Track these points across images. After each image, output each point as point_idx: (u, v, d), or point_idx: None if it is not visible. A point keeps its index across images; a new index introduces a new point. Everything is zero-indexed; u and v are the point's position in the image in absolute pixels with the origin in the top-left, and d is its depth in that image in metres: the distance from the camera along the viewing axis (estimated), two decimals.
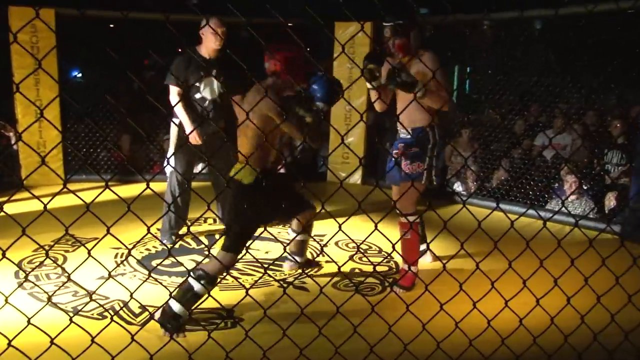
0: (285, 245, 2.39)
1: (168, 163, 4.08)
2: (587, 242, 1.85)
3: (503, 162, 5.92)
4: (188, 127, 4.13)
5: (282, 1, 9.16)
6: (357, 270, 3.92)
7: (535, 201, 5.53)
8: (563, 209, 4.88)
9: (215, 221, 4.88)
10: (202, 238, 4.49)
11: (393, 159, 3.70)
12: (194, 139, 4.14)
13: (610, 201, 5.04)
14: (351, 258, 4.04)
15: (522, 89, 5.81)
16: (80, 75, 7.62)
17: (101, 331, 1.75)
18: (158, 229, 4.34)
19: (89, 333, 1.67)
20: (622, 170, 5.31)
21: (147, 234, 1.48)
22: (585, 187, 5.36)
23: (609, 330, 2.04)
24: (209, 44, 4.15)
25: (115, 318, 2.96)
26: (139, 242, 4.18)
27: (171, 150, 4.32)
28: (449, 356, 1.98)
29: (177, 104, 4.09)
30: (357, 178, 6.60)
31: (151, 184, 1.52)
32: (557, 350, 2.03)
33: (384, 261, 4.09)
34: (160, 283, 2.65)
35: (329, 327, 1.98)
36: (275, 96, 2.94)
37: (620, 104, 5.95)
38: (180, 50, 4.27)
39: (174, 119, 4.30)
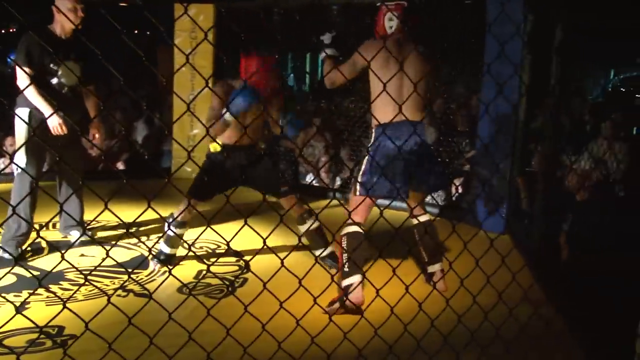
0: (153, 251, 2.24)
1: (14, 161, 3.68)
2: (449, 231, 1.97)
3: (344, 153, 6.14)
4: (48, 113, 3.72)
5: None
6: (204, 272, 3.85)
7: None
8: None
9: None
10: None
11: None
12: (57, 128, 3.74)
13: (457, 188, 5.44)
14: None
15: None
16: None
17: None
18: None
19: None
20: (466, 157, 5.76)
21: None
22: None
23: (446, 315, 2.19)
24: (65, 23, 3.80)
25: None
26: None
27: (19, 145, 3.85)
28: (291, 356, 2.00)
29: (27, 86, 3.65)
30: None
31: None
32: (398, 339, 2.13)
33: (235, 261, 4.07)
34: None
35: (165, 337, 1.91)
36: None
37: (464, 93, 6.43)
38: (29, 27, 3.84)
39: (19, 109, 3.82)
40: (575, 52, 4.22)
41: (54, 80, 3.85)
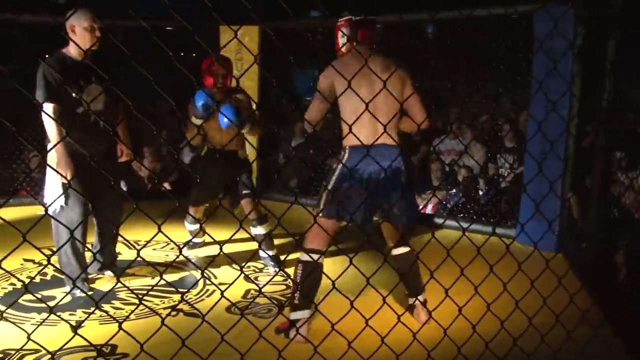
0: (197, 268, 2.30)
1: (66, 196, 3.53)
2: (500, 250, 1.95)
3: None
4: (61, 159, 3.44)
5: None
6: (253, 292, 3.87)
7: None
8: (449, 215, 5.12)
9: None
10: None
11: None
12: (64, 173, 3.42)
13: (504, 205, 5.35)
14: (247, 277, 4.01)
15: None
16: None
17: None
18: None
19: None
20: (516, 173, 5.67)
21: None
22: (481, 192, 5.66)
23: (501, 337, 2.15)
24: (83, 44, 3.43)
25: None
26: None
27: (54, 181, 3.58)
28: None
29: (56, 125, 3.37)
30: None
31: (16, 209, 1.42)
32: None
33: (282, 280, 4.09)
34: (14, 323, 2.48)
35: (215, 356, 1.93)
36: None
37: (513, 109, 6.34)
38: (46, 54, 3.59)
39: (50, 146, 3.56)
40: (629, 64, 4.12)
41: (79, 110, 3.53)
